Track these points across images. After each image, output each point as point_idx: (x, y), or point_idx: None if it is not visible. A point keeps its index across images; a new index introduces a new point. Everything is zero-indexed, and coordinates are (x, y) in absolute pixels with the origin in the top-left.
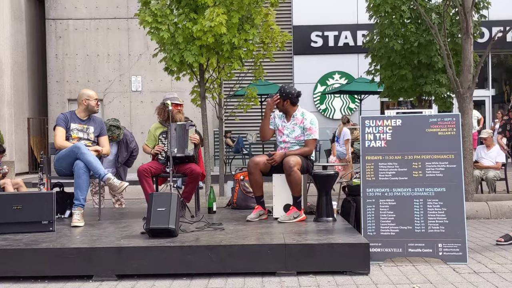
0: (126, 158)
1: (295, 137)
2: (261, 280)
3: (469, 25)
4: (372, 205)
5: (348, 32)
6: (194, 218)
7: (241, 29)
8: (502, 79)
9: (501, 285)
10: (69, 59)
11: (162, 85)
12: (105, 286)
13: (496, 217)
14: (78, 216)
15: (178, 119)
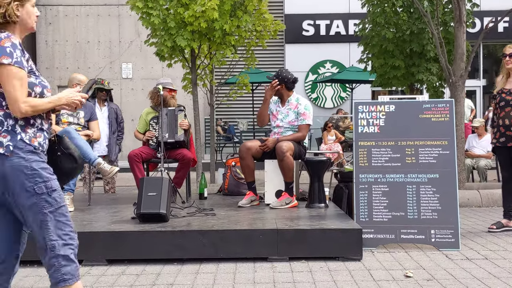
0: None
1: (289, 122)
2: (253, 266)
3: (462, 13)
4: (365, 191)
5: (340, 21)
6: (185, 204)
7: (233, 16)
8: (493, 69)
9: (493, 271)
10: (59, 46)
11: (153, 72)
12: (95, 271)
13: (487, 205)
14: (68, 201)
15: (172, 104)
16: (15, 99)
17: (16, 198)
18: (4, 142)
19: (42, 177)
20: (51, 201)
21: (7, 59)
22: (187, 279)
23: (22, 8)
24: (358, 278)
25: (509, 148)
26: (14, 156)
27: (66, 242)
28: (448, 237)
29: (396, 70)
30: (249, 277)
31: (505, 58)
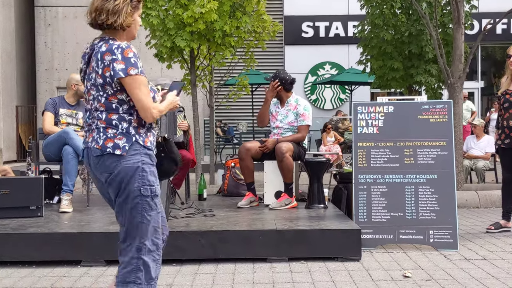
0: None
1: (288, 122)
2: (252, 266)
3: (461, 15)
4: (364, 191)
5: (339, 23)
6: (184, 205)
7: (232, 17)
8: (491, 71)
9: (492, 272)
10: (58, 47)
11: (152, 73)
12: (94, 272)
13: (485, 206)
14: (66, 202)
15: None
16: (147, 106)
17: (120, 195)
18: (120, 144)
19: (149, 181)
20: (152, 205)
21: (134, 70)
22: (186, 279)
23: (131, 16)
24: (357, 278)
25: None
26: (129, 158)
27: (152, 249)
28: (446, 237)
29: (395, 72)
30: (248, 277)
31: (510, 59)
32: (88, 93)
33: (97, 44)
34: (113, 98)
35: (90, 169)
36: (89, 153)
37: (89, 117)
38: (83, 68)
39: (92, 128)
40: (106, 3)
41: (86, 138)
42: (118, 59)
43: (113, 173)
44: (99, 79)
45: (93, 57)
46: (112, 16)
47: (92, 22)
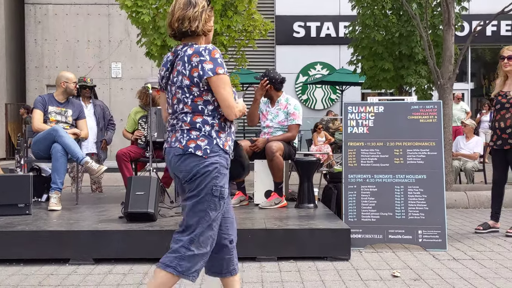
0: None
1: (279, 122)
2: (241, 265)
3: (451, 16)
4: (354, 191)
5: (330, 23)
6: (174, 204)
7: (223, 16)
8: (481, 73)
9: (480, 272)
10: (48, 45)
11: (143, 72)
12: (82, 270)
13: (474, 207)
14: (55, 200)
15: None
16: (232, 105)
17: (192, 191)
18: (202, 145)
19: (221, 182)
20: (218, 206)
21: (221, 69)
22: None
23: (209, 22)
24: (346, 278)
25: (505, 151)
26: (208, 159)
27: (202, 245)
28: (435, 237)
29: (386, 73)
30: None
31: (503, 61)
32: (173, 97)
33: (181, 50)
34: (199, 99)
35: (169, 167)
36: (171, 152)
37: (172, 118)
38: (165, 74)
39: (176, 129)
40: (186, 11)
41: (169, 138)
42: (207, 60)
43: (191, 172)
44: (186, 80)
45: (178, 61)
46: (194, 22)
47: (176, 32)
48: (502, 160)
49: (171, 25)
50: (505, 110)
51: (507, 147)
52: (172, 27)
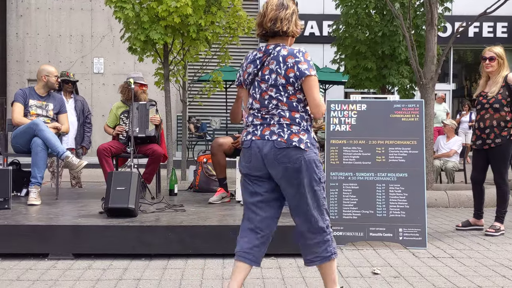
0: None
1: None
2: (222, 262)
3: (434, 16)
4: (336, 189)
5: (314, 22)
6: (155, 200)
7: (207, 12)
8: (463, 74)
9: (459, 270)
10: (30, 39)
11: (125, 67)
12: (61, 265)
13: (454, 206)
14: (34, 195)
15: (142, 99)
16: (321, 103)
17: (302, 183)
18: (303, 139)
19: (321, 170)
20: (323, 190)
21: (313, 71)
22: (155, 274)
23: (298, 25)
24: None
25: (485, 151)
26: (309, 151)
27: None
28: (415, 235)
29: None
30: (218, 273)
31: (485, 62)
32: (262, 93)
33: (273, 49)
34: (293, 98)
35: (260, 158)
36: (267, 144)
37: (262, 113)
38: (253, 71)
39: (271, 123)
40: (279, 12)
41: (256, 130)
42: (301, 61)
43: (296, 163)
44: (282, 79)
45: (271, 60)
46: (286, 23)
47: (267, 32)
48: (482, 160)
49: (262, 25)
50: (484, 110)
51: (486, 147)
52: (264, 26)
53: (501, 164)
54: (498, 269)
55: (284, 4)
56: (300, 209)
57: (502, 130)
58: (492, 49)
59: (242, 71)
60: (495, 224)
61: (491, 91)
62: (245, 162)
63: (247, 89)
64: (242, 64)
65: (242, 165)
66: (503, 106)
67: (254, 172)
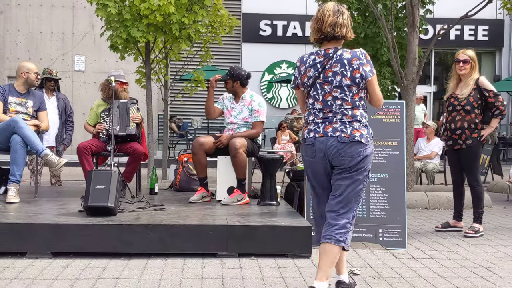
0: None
1: (243, 118)
2: (202, 261)
3: (416, 18)
4: None
5: (297, 23)
6: (135, 199)
7: (190, 10)
8: (444, 76)
9: (438, 271)
10: (10, 35)
11: (107, 65)
12: (39, 264)
13: (434, 207)
14: (13, 192)
15: (123, 97)
16: (381, 98)
17: (354, 171)
18: (364, 134)
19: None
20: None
21: (374, 70)
22: (134, 273)
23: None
24: (306, 275)
25: (456, 151)
26: (369, 146)
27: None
28: (395, 236)
29: None
30: (198, 272)
31: (459, 64)
32: (325, 94)
33: (334, 53)
34: (356, 96)
35: (324, 154)
36: (330, 140)
37: (324, 112)
38: (314, 74)
39: (333, 121)
40: (337, 18)
41: (318, 128)
42: (365, 63)
43: (357, 157)
44: (347, 81)
45: (334, 63)
46: (344, 28)
47: (326, 36)
48: (455, 161)
49: (322, 29)
50: (456, 112)
51: (457, 147)
52: (324, 31)
53: (472, 165)
54: (476, 270)
55: (340, 10)
56: (345, 195)
57: (472, 132)
58: (465, 52)
59: (299, 75)
60: (474, 226)
61: (462, 93)
62: (309, 157)
63: (306, 91)
64: (298, 68)
65: (305, 160)
66: (474, 109)
67: (316, 167)
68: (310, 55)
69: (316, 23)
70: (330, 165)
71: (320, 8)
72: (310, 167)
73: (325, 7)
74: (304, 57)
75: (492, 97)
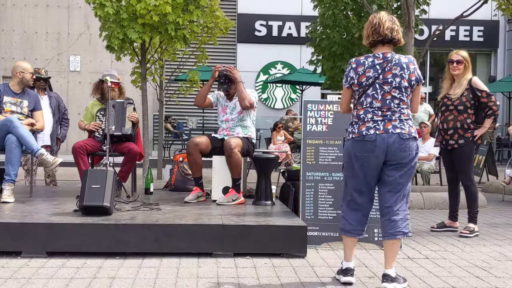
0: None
1: (238, 112)
2: (197, 261)
3: (411, 19)
4: (311, 189)
5: (292, 23)
6: (130, 198)
7: (185, 10)
8: (439, 77)
9: (434, 271)
10: (5, 35)
11: (102, 66)
12: (34, 263)
13: (429, 208)
14: (8, 192)
15: (111, 96)
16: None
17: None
18: (415, 131)
19: None
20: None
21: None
22: (129, 272)
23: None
24: (301, 274)
25: (449, 151)
26: (414, 139)
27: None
28: None
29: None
30: (193, 272)
31: (452, 64)
32: (384, 94)
33: (393, 57)
34: (409, 97)
35: (384, 149)
36: (392, 136)
37: (381, 110)
38: (374, 75)
39: (392, 119)
40: (392, 24)
41: (378, 125)
42: (417, 68)
43: (413, 150)
44: (405, 83)
45: (394, 66)
46: (398, 33)
47: (383, 38)
48: (450, 160)
49: (379, 32)
50: (448, 112)
51: (449, 147)
52: (381, 33)
53: (465, 165)
54: (472, 270)
55: (393, 18)
56: (399, 189)
57: (465, 132)
58: (459, 52)
59: (356, 75)
60: (469, 226)
61: (455, 93)
62: (363, 153)
63: (361, 90)
64: (355, 69)
65: (356, 155)
66: (466, 109)
67: (371, 161)
68: (366, 58)
69: (373, 27)
70: (383, 161)
71: (375, 15)
72: (363, 162)
73: (380, 15)
74: (360, 60)
75: (485, 97)
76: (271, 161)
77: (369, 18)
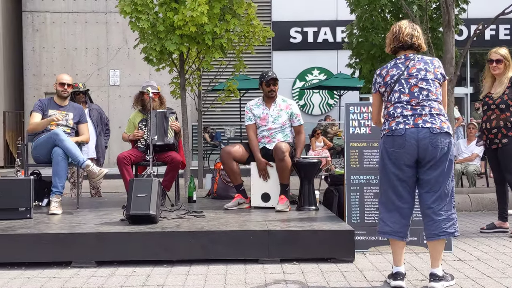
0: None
1: (282, 122)
2: (244, 267)
3: (451, 18)
4: (357, 192)
5: (328, 28)
6: (174, 207)
7: (222, 19)
8: (479, 77)
9: (487, 272)
10: (46, 53)
11: (141, 79)
12: (84, 273)
13: (477, 210)
14: (56, 204)
15: (153, 107)
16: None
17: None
18: (449, 126)
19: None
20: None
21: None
22: (178, 280)
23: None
24: (351, 279)
25: (494, 150)
26: (447, 134)
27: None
28: None
29: None
30: (240, 278)
31: (492, 64)
32: (412, 87)
33: (415, 56)
34: (438, 90)
35: (415, 144)
36: (422, 131)
37: (410, 104)
38: (398, 72)
39: (422, 113)
40: (412, 31)
41: (407, 120)
42: (442, 66)
43: (445, 146)
44: (430, 75)
45: (417, 62)
46: (419, 40)
47: (403, 44)
48: (494, 160)
49: (399, 38)
50: (491, 111)
51: (494, 147)
52: (401, 40)
53: (510, 164)
54: None
55: (414, 25)
56: (437, 188)
57: (509, 130)
58: (498, 51)
59: (381, 77)
60: None
61: (496, 92)
62: (395, 148)
63: (388, 89)
64: (379, 73)
65: (389, 152)
66: (509, 107)
67: (403, 158)
68: (389, 62)
69: (393, 34)
70: (416, 159)
71: (396, 23)
72: (395, 158)
73: (400, 23)
74: (383, 66)
75: None
76: (314, 165)
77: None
